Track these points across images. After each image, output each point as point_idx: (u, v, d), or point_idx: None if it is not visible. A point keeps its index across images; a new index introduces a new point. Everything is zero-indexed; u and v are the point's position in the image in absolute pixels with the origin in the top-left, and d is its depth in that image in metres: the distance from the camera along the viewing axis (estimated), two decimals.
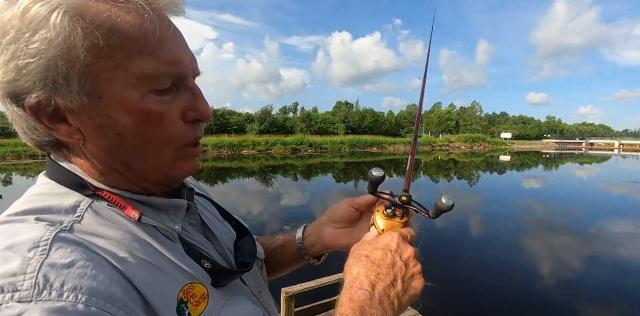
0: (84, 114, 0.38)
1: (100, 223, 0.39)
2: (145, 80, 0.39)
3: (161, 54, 0.39)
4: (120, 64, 0.37)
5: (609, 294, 4.40)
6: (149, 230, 0.42)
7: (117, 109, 0.38)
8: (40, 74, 0.35)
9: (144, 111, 0.39)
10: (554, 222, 8.19)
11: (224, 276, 0.46)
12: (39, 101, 0.37)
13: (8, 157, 24.15)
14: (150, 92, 0.40)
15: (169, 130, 0.42)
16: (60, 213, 0.38)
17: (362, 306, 0.40)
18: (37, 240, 0.32)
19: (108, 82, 0.37)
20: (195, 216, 0.52)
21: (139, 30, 0.38)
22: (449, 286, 4.39)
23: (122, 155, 0.42)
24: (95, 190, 0.42)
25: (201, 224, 0.54)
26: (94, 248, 0.35)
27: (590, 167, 26.01)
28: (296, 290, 2.80)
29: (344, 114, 59.05)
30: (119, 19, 0.37)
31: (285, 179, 16.20)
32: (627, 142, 75.97)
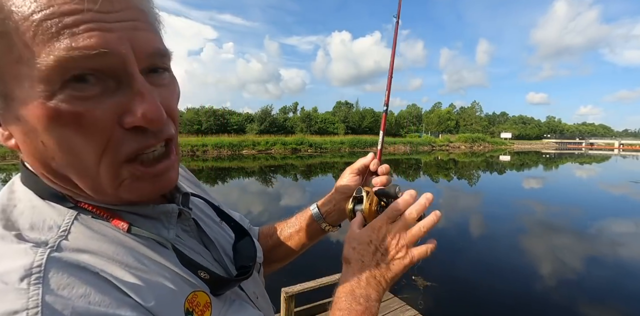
0: (5, 117, 0.33)
1: (90, 237, 0.35)
2: (52, 71, 0.30)
3: (77, 37, 0.30)
4: (22, 55, 0.29)
5: (609, 294, 4.40)
6: (142, 239, 0.39)
7: (28, 112, 0.31)
8: None
9: (56, 112, 0.31)
10: (554, 223, 8.19)
11: (222, 286, 0.44)
12: None
13: (8, 157, 24.16)
14: (64, 88, 0.31)
15: (99, 138, 0.33)
16: (44, 230, 0.33)
17: (352, 289, 0.50)
18: (29, 267, 0.29)
19: (16, 80, 0.30)
20: (189, 221, 0.49)
21: (44, 5, 0.29)
22: (449, 286, 4.39)
23: (56, 168, 0.35)
24: (75, 202, 0.37)
25: (197, 229, 0.51)
26: (91, 268, 0.32)
27: (590, 167, 26.01)
28: (296, 290, 2.80)
29: (344, 114, 59.08)
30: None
31: (285, 179, 16.20)
32: (627, 142, 75.98)
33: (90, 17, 0.31)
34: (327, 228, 0.72)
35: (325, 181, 15.82)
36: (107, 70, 0.32)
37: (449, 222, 7.90)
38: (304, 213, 0.75)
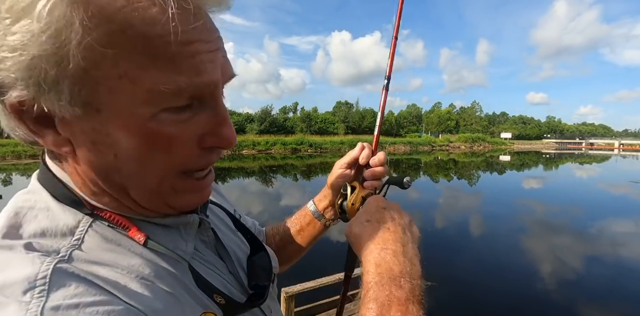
0: (76, 126, 0.31)
1: (103, 248, 0.34)
2: (159, 96, 0.30)
3: (185, 62, 0.31)
4: (128, 73, 0.29)
5: (610, 294, 4.40)
6: (157, 252, 0.37)
7: (118, 127, 0.31)
8: (20, 72, 0.27)
9: (153, 134, 0.32)
10: (554, 222, 8.19)
11: (237, 311, 0.42)
12: (21, 102, 0.29)
13: (8, 157, 24.18)
14: (164, 111, 0.32)
15: (178, 156, 0.35)
16: (56, 237, 0.32)
17: (389, 266, 0.41)
18: (32, 279, 0.27)
19: (111, 94, 0.30)
20: (208, 232, 0.47)
21: (161, 30, 0.29)
22: (449, 286, 4.39)
23: (116, 179, 0.35)
24: (92, 208, 0.36)
25: (214, 240, 0.48)
26: (100, 282, 0.30)
27: (590, 167, 26.03)
28: (296, 290, 2.81)
29: (344, 114, 59.15)
30: (135, 12, 0.28)
31: (285, 179, 16.21)
32: (627, 142, 76.11)
33: (202, 47, 0.32)
34: (328, 223, 0.71)
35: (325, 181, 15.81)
36: (202, 92, 0.33)
37: (448, 221, 7.91)
38: (302, 211, 0.74)
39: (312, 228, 0.72)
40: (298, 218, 0.74)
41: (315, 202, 0.72)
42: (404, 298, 0.37)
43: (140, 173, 0.34)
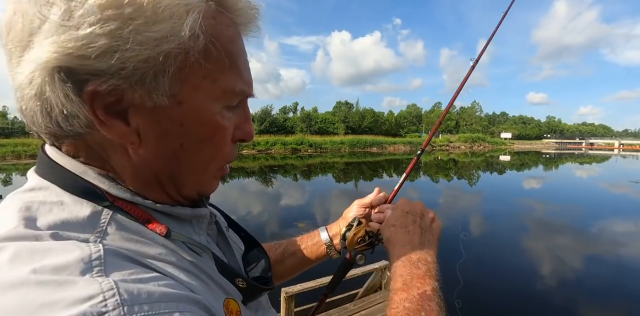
0: (153, 116, 0.34)
1: (127, 239, 0.34)
2: (227, 95, 0.38)
3: (244, 73, 0.40)
4: (211, 74, 0.36)
5: (611, 294, 4.40)
6: (177, 243, 0.38)
7: (193, 119, 0.36)
8: (134, 63, 0.31)
9: (218, 126, 0.38)
10: (554, 222, 8.19)
11: (255, 295, 0.45)
12: (112, 90, 0.31)
13: (8, 157, 24.17)
14: (224, 108, 0.39)
15: (225, 147, 0.41)
16: (78, 229, 0.31)
17: (409, 257, 0.55)
18: (87, 259, 0.27)
19: (194, 90, 0.35)
20: (212, 226, 0.49)
21: (236, 46, 0.38)
22: (449, 285, 4.39)
23: (172, 167, 0.38)
24: (113, 200, 0.36)
25: (217, 234, 0.50)
26: (147, 263, 0.32)
27: (590, 167, 26.03)
28: (296, 290, 2.81)
29: (344, 114, 59.10)
30: (222, 31, 0.36)
31: (285, 179, 16.20)
32: (627, 142, 76.07)
33: (248, 63, 0.42)
34: (332, 253, 0.76)
35: (325, 181, 15.82)
36: (246, 98, 0.43)
37: (448, 221, 7.91)
38: (312, 235, 0.78)
39: (315, 252, 0.76)
40: (305, 239, 0.79)
41: (327, 229, 0.78)
42: (422, 274, 0.51)
43: (197, 163, 0.39)
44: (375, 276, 3.40)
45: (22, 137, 33.02)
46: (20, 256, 0.27)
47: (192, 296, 0.32)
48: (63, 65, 0.30)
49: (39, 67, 0.30)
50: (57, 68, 0.30)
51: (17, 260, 0.26)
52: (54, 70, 0.30)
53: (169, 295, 0.29)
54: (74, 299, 0.24)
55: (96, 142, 0.36)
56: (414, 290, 0.49)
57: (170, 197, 0.41)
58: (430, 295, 0.48)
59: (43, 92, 0.31)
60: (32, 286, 0.25)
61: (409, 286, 0.49)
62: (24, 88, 0.32)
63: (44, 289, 0.25)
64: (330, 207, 9.40)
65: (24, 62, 0.31)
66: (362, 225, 0.70)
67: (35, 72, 0.30)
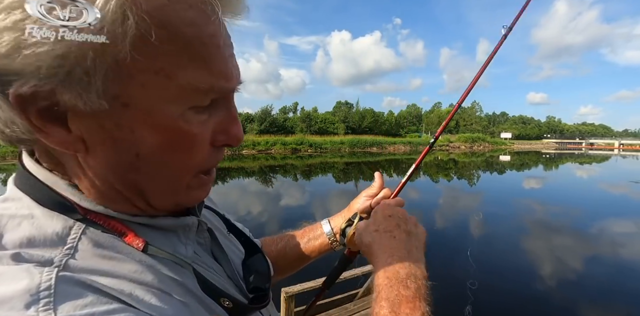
0: (95, 121, 0.29)
1: (100, 256, 0.31)
2: (191, 94, 0.31)
3: (215, 64, 0.32)
4: (164, 68, 0.29)
5: (612, 294, 4.40)
6: (157, 257, 0.35)
7: (145, 124, 0.30)
8: (51, 60, 0.25)
9: (180, 132, 0.32)
10: (554, 222, 8.19)
11: (245, 314, 0.42)
12: (34, 92, 0.26)
13: (8, 157, 24.17)
14: (189, 109, 0.32)
15: (197, 155, 0.35)
16: (46, 246, 0.29)
17: (395, 270, 0.46)
18: (34, 290, 0.24)
19: (142, 89, 0.29)
20: (204, 234, 0.45)
21: (198, 31, 0.30)
22: (449, 285, 4.39)
23: (131, 179, 0.33)
24: (85, 213, 0.33)
25: (210, 242, 0.47)
26: (107, 290, 0.28)
27: (590, 167, 26.03)
28: (296, 290, 2.81)
29: (344, 114, 59.10)
30: (178, 13, 0.28)
31: (285, 179, 16.21)
32: (627, 142, 76.05)
33: (229, 52, 0.33)
34: (335, 245, 0.72)
35: (325, 181, 15.82)
36: (223, 94, 0.35)
37: (448, 221, 7.91)
38: (314, 228, 0.75)
39: (318, 245, 0.73)
40: (307, 232, 0.75)
41: (330, 221, 0.75)
42: (412, 296, 0.43)
43: (161, 173, 0.34)
44: None
45: None
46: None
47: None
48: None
49: None
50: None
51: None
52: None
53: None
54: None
55: (52, 150, 0.32)
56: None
57: (140, 209, 0.37)
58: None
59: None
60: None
61: (397, 313, 0.42)
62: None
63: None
64: (331, 207, 9.40)
65: None
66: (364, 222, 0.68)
67: None
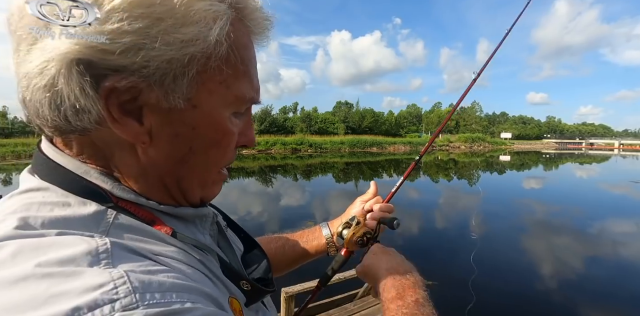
0: (167, 118, 0.34)
1: (133, 239, 0.32)
2: (239, 102, 0.39)
3: (254, 80, 0.40)
4: (226, 80, 0.36)
5: (615, 295, 4.39)
6: (183, 243, 0.38)
7: (205, 123, 0.36)
8: (157, 63, 0.31)
9: (227, 131, 0.39)
10: (555, 222, 8.19)
11: (258, 297, 0.45)
12: (125, 86, 0.31)
13: (8, 157, 24.16)
14: (233, 114, 0.39)
15: (229, 152, 0.42)
16: (81, 228, 0.30)
17: (397, 269, 0.58)
18: (94, 252, 0.27)
19: (209, 94, 0.35)
20: (214, 226, 0.49)
21: (250, 54, 0.39)
22: (449, 285, 4.39)
23: (179, 170, 0.38)
24: (116, 201, 0.35)
25: (218, 234, 0.50)
26: (153, 258, 0.31)
27: (590, 167, 26.02)
28: (296, 290, 2.80)
29: (344, 114, 59.10)
30: (241, 38, 0.37)
31: (285, 179, 16.20)
32: (627, 142, 76.06)
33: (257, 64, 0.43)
34: (331, 247, 0.77)
35: (325, 181, 15.81)
36: (252, 104, 0.43)
37: (449, 222, 7.91)
38: (313, 230, 0.80)
39: (315, 247, 0.77)
40: (306, 233, 0.80)
41: (328, 224, 0.80)
42: (412, 285, 0.54)
43: (201, 166, 0.39)
44: None
45: (22, 137, 33.06)
46: (23, 252, 0.26)
47: (202, 288, 0.32)
48: (83, 57, 0.29)
49: (56, 58, 0.28)
50: (77, 60, 0.28)
51: (20, 256, 0.26)
52: (72, 62, 0.28)
53: (179, 286, 0.29)
54: (84, 288, 0.24)
55: (102, 140, 0.35)
56: (408, 298, 0.51)
57: (174, 199, 0.41)
58: (422, 302, 0.51)
59: (55, 83, 0.29)
60: (39, 279, 0.24)
61: (403, 295, 0.52)
62: (32, 78, 0.30)
63: (51, 281, 0.24)
64: (330, 207, 9.40)
65: (36, 50, 0.29)
66: (361, 225, 0.72)
67: (50, 62, 0.29)
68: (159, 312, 0.25)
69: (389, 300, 0.52)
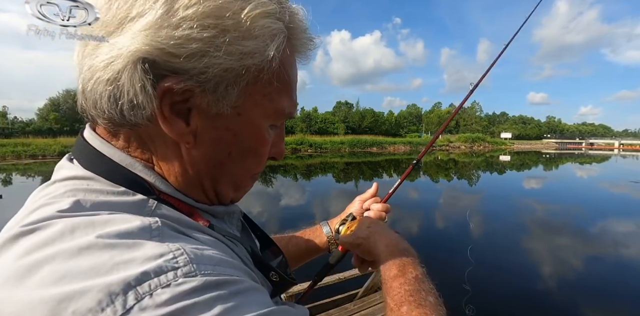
0: (212, 122, 0.36)
1: (174, 228, 0.34)
2: (278, 115, 0.41)
3: (294, 96, 0.43)
4: (270, 93, 0.38)
5: (615, 294, 4.39)
6: (218, 235, 0.40)
7: (246, 131, 0.38)
8: (216, 70, 0.33)
9: (264, 141, 0.41)
10: (555, 222, 8.18)
11: (284, 289, 0.47)
12: (181, 88, 0.33)
13: (8, 157, 24.14)
14: (270, 126, 0.41)
15: (262, 161, 0.44)
16: (127, 212, 0.32)
17: (395, 245, 0.59)
18: (148, 228, 0.29)
19: (254, 105, 0.38)
20: (239, 222, 0.52)
21: (294, 71, 0.41)
22: (450, 285, 4.39)
23: (216, 173, 0.40)
24: (159, 193, 0.37)
25: (241, 230, 0.53)
26: (196, 238, 0.34)
27: (590, 167, 26.01)
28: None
29: (344, 114, 59.08)
30: (289, 56, 0.39)
31: (285, 179, 16.20)
32: (627, 142, 76.01)
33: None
34: (332, 244, 0.79)
35: (325, 181, 15.81)
36: (288, 119, 0.45)
37: (449, 222, 7.91)
38: (314, 229, 0.82)
39: (316, 245, 0.80)
40: (307, 232, 0.82)
41: (328, 222, 0.82)
42: (411, 261, 0.56)
43: (236, 171, 0.41)
44: (375, 276, 3.39)
45: (22, 137, 33.02)
46: (80, 228, 0.27)
47: (245, 267, 0.35)
48: (150, 57, 0.31)
49: (125, 54, 0.30)
50: (143, 59, 0.30)
51: (78, 231, 0.27)
52: (138, 60, 0.30)
53: (226, 262, 0.31)
54: (147, 256, 0.26)
55: (149, 136, 0.36)
56: (409, 274, 0.53)
57: (208, 198, 0.43)
58: (422, 278, 0.53)
59: (118, 78, 0.31)
60: (102, 248, 0.26)
61: (404, 272, 0.53)
62: (96, 71, 0.32)
63: (114, 250, 0.26)
64: (331, 207, 9.40)
65: (105, 45, 0.31)
66: (356, 221, 0.74)
67: (117, 58, 0.31)
68: (213, 281, 0.27)
69: (391, 278, 0.53)
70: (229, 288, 0.28)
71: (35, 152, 25.09)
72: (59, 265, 0.24)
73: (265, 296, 0.33)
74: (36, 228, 0.28)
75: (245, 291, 0.29)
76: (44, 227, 0.28)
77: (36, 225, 0.28)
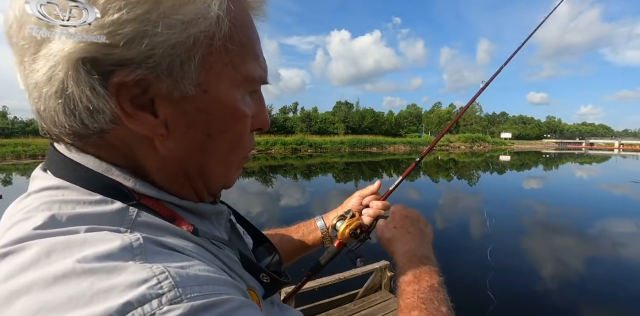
0: (180, 106, 0.33)
1: (156, 235, 0.32)
2: (249, 82, 0.37)
3: (261, 59, 0.39)
4: (233, 61, 0.35)
5: (618, 295, 4.39)
6: (202, 239, 0.38)
7: (217, 107, 0.35)
8: (162, 49, 0.29)
9: (241, 114, 0.37)
10: (555, 222, 8.18)
11: (276, 289, 0.45)
12: (133, 79, 0.30)
13: (8, 157, 24.16)
14: (246, 95, 0.38)
15: (246, 136, 0.40)
16: (107, 225, 0.30)
17: (414, 252, 0.59)
18: (129, 247, 0.27)
19: (217, 77, 0.34)
20: (227, 223, 0.49)
21: (252, 30, 0.37)
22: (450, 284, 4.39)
23: (200, 159, 0.37)
24: (139, 197, 0.35)
25: (231, 230, 0.51)
26: (183, 251, 0.32)
27: (590, 167, 26.01)
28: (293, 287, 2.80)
29: (344, 114, 59.14)
30: (241, 14, 0.35)
31: (285, 179, 16.20)
32: (627, 142, 76.01)
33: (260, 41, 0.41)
34: (327, 239, 0.77)
35: (325, 181, 15.81)
36: (262, 84, 0.41)
37: (450, 222, 7.91)
38: (308, 223, 0.80)
39: (310, 240, 0.78)
40: (301, 227, 0.80)
41: (323, 217, 0.81)
42: (428, 270, 0.55)
43: (221, 153, 0.38)
44: (375, 276, 3.40)
45: (22, 137, 33.06)
46: (57, 250, 0.25)
47: (232, 281, 0.32)
48: (88, 55, 0.28)
49: (62, 60, 0.28)
50: (82, 59, 0.28)
51: (55, 254, 0.25)
52: (78, 62, 0.28)
53: (213, 279, 0.29)
54: (129, 283, 0.24)
55: (119, 139, 0.34)
56: (424, 282, 0.52)
57: (196, 192, 0.40)
58: (438, 287, 0.52)
59: (65, 88, 0.29)
60: (80, 275, 0.24)
61: (419, 279, 0.53)
62: (42, 87, 0.30)
63: (93, 276, 0.24)
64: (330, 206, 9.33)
65: (41, 58, 0.29)
66: (355, 218, 0.72)
67: (57, 66, 0.28)
68: (201, 304, 0.26)
69: (406, 283, 0.53)
70: (217, 310, 0.27)
71: (35, 152, 25.10)
72: (35, 297, 0.23)
73: (255, 311, 0.31)
74: (10, 252, 0.26)
75: (233, 311, 0.28)
76: (19, 250, 0.26)
77: (11, 248, 0.26)
